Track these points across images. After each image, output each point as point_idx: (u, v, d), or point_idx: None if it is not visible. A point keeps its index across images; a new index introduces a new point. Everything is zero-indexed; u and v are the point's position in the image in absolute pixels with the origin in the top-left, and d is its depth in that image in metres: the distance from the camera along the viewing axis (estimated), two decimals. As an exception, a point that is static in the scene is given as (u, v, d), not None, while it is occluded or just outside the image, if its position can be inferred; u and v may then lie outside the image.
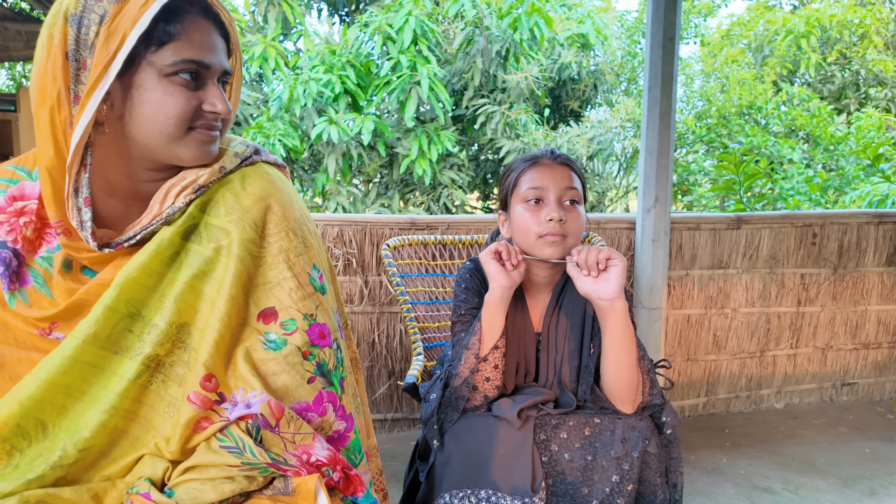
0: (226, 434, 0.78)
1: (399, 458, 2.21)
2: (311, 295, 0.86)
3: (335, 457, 0.82)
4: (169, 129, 0.77)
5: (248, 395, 0.80)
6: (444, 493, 1.10)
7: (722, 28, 9.20)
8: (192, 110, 0.78)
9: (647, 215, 2.37)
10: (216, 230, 0.82)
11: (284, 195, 0.88)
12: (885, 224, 2.76)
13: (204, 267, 0.81)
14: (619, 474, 1.09)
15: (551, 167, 1.20)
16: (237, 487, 0.76)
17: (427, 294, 1.85)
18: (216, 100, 0.79)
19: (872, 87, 7.84)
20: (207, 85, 0.79)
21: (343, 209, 5.72)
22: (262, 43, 5.60)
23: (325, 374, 0.86)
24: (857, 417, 2.65)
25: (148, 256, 0.79)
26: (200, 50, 0.77)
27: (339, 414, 0.87)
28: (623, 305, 1.11)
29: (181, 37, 0.76)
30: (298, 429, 0.80)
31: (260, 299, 0.84)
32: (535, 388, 1.22)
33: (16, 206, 0.82)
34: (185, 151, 0.79)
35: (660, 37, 2.26)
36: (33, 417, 0.76)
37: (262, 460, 0.77)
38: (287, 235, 0.86)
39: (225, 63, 0.81)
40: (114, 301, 0.77)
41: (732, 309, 2.64)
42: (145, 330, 0.78)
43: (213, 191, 0.84)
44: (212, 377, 0.79)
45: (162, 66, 0.75)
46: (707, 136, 6.17)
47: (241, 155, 0.88)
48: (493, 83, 6.06)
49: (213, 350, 0.79)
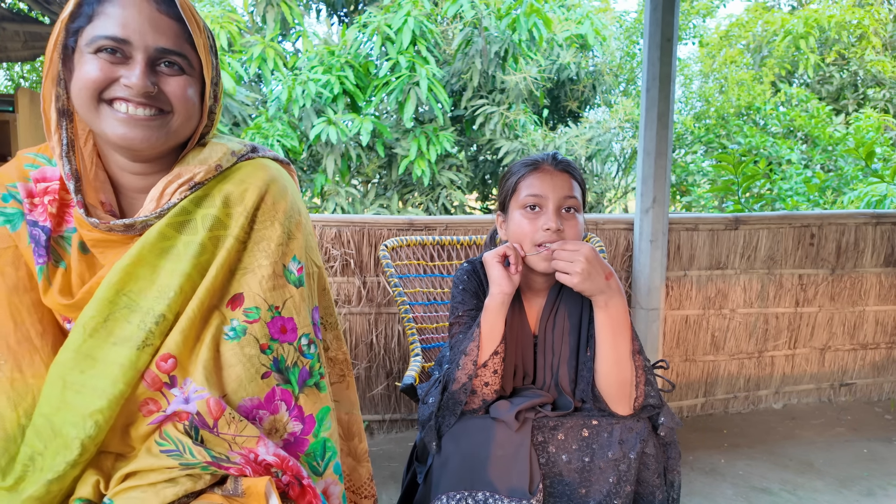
0: (164, 437, 0.78)
1: (397, 458, 2.20)
2: (281, 286, 0.85)
3: (284, 462, 0.80)
4: (84, 100, 0.78)
5: (189, 388, 0.79)
6: (441, 494, 1.10)
7: (720, 29, 9.21)
8: (104, 80, 0.77)
9: (645, 216, 2.37)
10: (212, 220, 0.83)
11: (279, 186, 0.89)
12: (883, 224, 2.76)
13: (200, 258, 0.82)
14: (617, 476, 1.09)
15: (552, 174, 1.20)
16: (180, 490, 0.75)
17: (425, 295, 1.85)
18: (132, 73, 0.76)
19: (871, 87, 7.85)
20: (132, 61, 0.77)
21: (342, 210, 5.72)
22: (260, 43, 5.60)
23: (281, 371, 0.84)
24: (855, 418, 2.65)
25: (139, 248, 0.80)
26: (118, 27, 0.76)
27: (295, 414, 0.84)
28: (606, 298, 1.11)
29: (100, 16, 0.76)
30: (241, 430, 0.78)
31: (233, 284, 0.84)
32: (533, 391, 1.22)
33: (41, 188, 0.85)
34: (106, 127, 0.78)
35: (657, 38, 2.26)
36: (41, 413, 0.77)
37: (201, 459, 0.76)
38: (273, 225, 0.86)
39: (161, 41, 0.78)
40: (105, 291, 0.79)
41: (730, 309, 2.64)
42: (148, 319, 0.79)
43: (209, 187, 0.85)
44: (170, 358, 0.79)
45: (83, 45, 0.77)
46: (706, 137, 6.17)
47: (238, 153, 0.89)
48: (492, 84, 6.06)
49: (180, 332, 0.79)
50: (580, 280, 1.10)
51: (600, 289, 1.11)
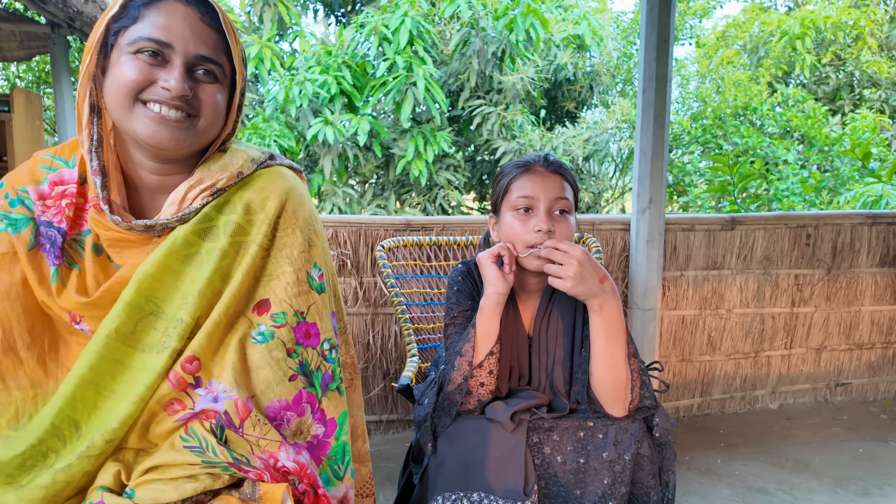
0: (190, 433, 0.79)
1: (394, 459, 2.20)
2: (305, 292, 0.88)
3: (303, 469, 0.81)
4: (120, 98, 0.79)
5: (218, 387, 0.81)
6: (437, 495, 1.10)
7: (717, 29, 9.24)
8: (143, 81, 0.79)
9: (642, 216, 2.38)
10: (234, 227, 0.85)
11: (297, 195, 0.91)
12: (879, 225, 2.77)
13: (221, 263, 0.83)
14: (612, 477, 1.09)
15: (543, 175, 1.19)
16: (199, 486, 0.76)
17: (422, 295, 1.85)
18: (171, 76, 0.79)
19: (866, 88, 7.88)
20: (171, 64, 0.80)
21: (339, 210, 5.71)
22: (257, 43, 5.59)
23: (306, 374, 0.86)
24: (851, 418, 2.65)
25: (163, 254, 0.82)
26: (161, 30, 0.79)
27: (318, 417, 0.86)
28: (600, 302, 1.11)
29: (145, 18, 0.79)
30: (265, 434, 0.80)
31: (258, 290, 0.86)
32: (529, 392, 1.22)
33: (57, 191, 0.86)
34: (138, 125, 0.80)
35: (654, 38, 2.27)
36: (65, 416, 0.78)
37: (223, 459, 0.77)
38: (294, 232, 0.89)
39: (201, 49, 0.81)
40: (133, 296, 0.80)
41: (727, 310, 2.65)
42: (170, 325, 0.81)
43: (230, 193, 0.87)
44: (195, 360, 0.81)
45: (124, 44, 0.79)
46: (702, 137, 6.18)
47: (257, 160, 0.91)
48: (489, 84, 6.06)
49: (205, 335, 0.81)
50: (573, 284, 1.10)
51: (594, 292, 1.11)
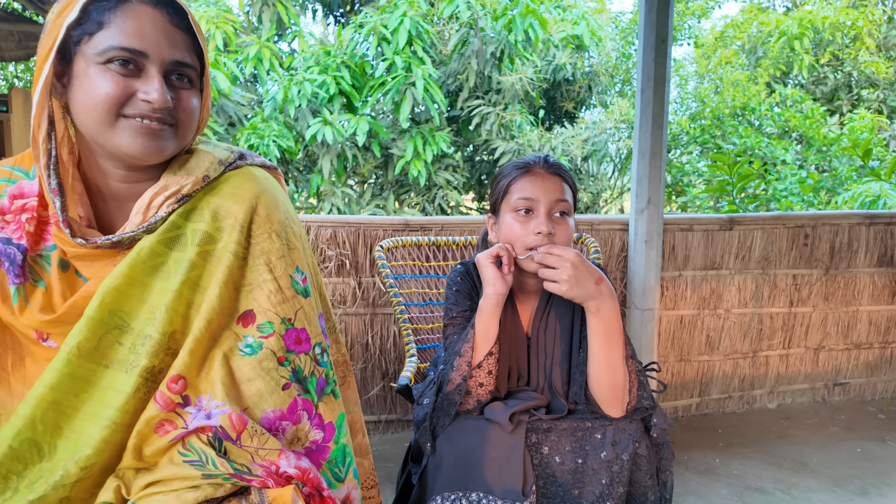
0: (188, 448, 0.77)
1: (392, 459, 2.20)
2: (291, 298, 0.84)
3: (305, 474, 0.80)
4: (99, 115, 0.75)
5: (210, 403, 0.78)
6: (436, 495, 1.10)
7: (716, 30, 9.24)
8: (121, 96, 0.74)
9: (640, 216, 2.38)
10: (201, 235, 0.81)
11: (270, 196, 0.87)
12: (876, 225, 2.77)
13: (190, 273, 0.80)
14: (610, 477, 1.10)
15: (543, 177, 1.19)
16: (201, 495, 0.75)
17: (421, 295, 1.85)
18: (151, 88, 0.75)
19: (865, 88, 7.89)
20: (147, 74, 0.76)
21: (338, 210, 5.71)
22: (256, 44, 5.59)
23: (300, 381, 0.84)
24: (849, 417, 2.66)
25: (128, 266, 0.78)
26: (133, 37, 0.74)
27: (316, 422, 0.84)
28: (597, 304, 1.11)
29: (112, 24, 0.74)
30: (263, 443, 0.78)
31: (241, 302, 0.82)
32: (528, 393, 1.22)
33: (17, 204, 0.82)
34: (121, 140, 0.76)
35: (652, 39, 2.27)
36: (24, 438, 0.74)
37: (223, 471, 0.76)
38: (270, 237, 0.84)
39: (175, 54, 0.77)
40: (96, 311, 0.76)
41: (725, 310, 2.65)
42: (138, 341, 0.77)
43: (197, 199, 0.83)
44: (180, 378, 0.78)
45: (91, 54, 0.74)
46: (701, 138, 6.19)
47: (224, 161, 0.87)
48: (488, 84, 6.06)
49: (188, 353, 0.78)
50: (568, 287, 1.10)
51: (590, 294, 1.11)
